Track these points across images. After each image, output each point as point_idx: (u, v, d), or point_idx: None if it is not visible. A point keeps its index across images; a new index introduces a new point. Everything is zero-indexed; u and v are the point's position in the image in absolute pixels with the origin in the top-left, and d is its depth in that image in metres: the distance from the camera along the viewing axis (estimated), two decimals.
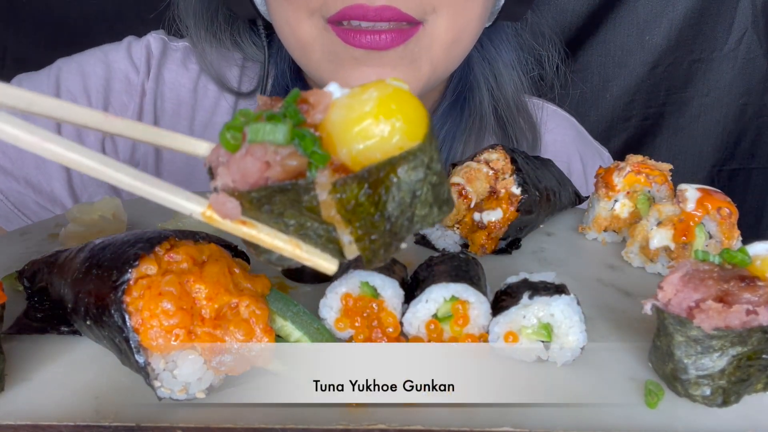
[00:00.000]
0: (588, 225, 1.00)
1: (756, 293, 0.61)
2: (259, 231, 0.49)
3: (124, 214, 0.92)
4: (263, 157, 0.45)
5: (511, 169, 0.91)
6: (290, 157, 0.45)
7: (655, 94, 1.83)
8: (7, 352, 0.67)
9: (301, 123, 0.46)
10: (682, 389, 0.64)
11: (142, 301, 0.60)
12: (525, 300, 0.68)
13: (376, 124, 0.46)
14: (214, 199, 0.47)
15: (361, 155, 0.47)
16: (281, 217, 0.48)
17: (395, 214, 0.49)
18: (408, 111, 0.47)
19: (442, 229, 0.94)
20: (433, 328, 0.70)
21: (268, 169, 0.46)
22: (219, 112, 1.27)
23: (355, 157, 0.47)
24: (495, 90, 1.27)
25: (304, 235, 0.50)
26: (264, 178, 0.46)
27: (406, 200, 0.49)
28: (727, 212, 0.85)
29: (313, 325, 0.69)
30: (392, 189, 0.48)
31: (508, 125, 1.30)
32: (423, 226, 0.52)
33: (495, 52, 1.28)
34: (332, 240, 0.50)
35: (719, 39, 1.77)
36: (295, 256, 0.50)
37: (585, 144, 1.46)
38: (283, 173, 0.45)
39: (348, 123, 0.46)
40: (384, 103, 0.46)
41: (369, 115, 0.46)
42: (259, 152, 0.45)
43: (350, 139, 0.46)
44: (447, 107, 1.26)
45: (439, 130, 1.24)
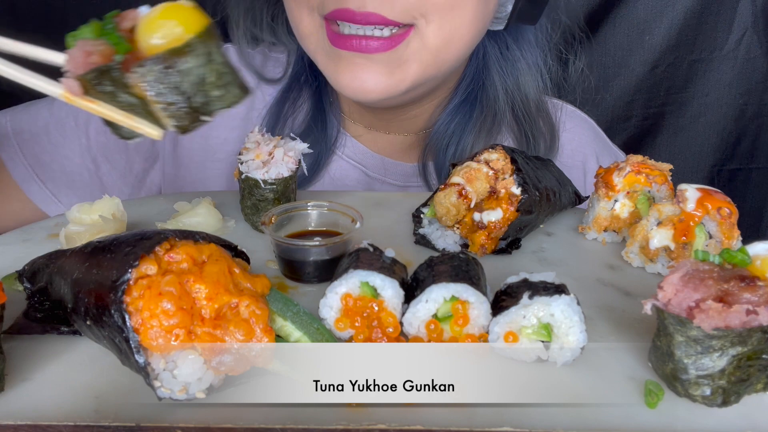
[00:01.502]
0: (588, 225, 1.00)
1: (756, 293, 0.61)
2: (100, 106, 0.68)
3: (124, 214, 0.92)
4: (83, 47, 0.67)
5: (511, 169, 0.91)
6: (101, 46, 0.67)
7: (655, 94, 1.83)
8: (7, 352, 0.67)
9: (114, 29, 0.68)
10: (682, 389, 0.64)
11: (142, 301, 0.60)
12: (525, 300, 0.68)
13: (160, 24, 0.67)
14: (64, 82, 0.67)
15: (153, 48, 0.66)
16: (113, 96, 0.68)
17: (191, 91, 0.67)
18: (185, 15, 0.67)
19: (442, 229, 0.94)
20: (433, 328, 0.70)
21: (90, 57, 0.67)
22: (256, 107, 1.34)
23: (149, 50, 0.67)
24: (512, 90, 1.29)
25: (132, 109, 0.69)
26: (88, 63, 0.67)
27: (196, 81, 0.67)
28: (727, 212, 0.85)
29: (313, 325, 0.69)
30: (183, 71, 0.66)
31: (525, 124, 1.32)
32: (222, 105, 0.69)
33: (519, 53, 1.29)
34: (150, 112, 0.69)
35: (719, 39, 1.77)
36: (128, 125, 0.69)
37: (602, 146, 1.46)
38: (100, 58, 0.67)
39: (143, 26, 0.68)
40: (167, 10, 0.68)
41: (155, 19, 0.67)
42: (81, 45, 0.67)
43: (145, 36, 0.67)
44: (457, 103, 1.29)
45: (449, 123, 1.27)
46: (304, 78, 1.30)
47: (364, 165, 1.33)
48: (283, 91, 1.32)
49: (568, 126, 1.41)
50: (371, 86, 1.07)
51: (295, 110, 1.31)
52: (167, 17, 0.67)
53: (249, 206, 0.97)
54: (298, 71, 1.32)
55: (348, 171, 1.32)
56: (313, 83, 1.29)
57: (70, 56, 0.68)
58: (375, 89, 1.08)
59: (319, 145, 1.27)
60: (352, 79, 1.08)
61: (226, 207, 1.02)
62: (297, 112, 1.31)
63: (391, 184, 1.33)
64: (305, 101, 1.31)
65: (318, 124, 1.28)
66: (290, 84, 1.32)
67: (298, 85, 1.31)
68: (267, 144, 0.95)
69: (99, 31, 0.68)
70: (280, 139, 0.96)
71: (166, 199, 1.08)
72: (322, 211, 0.92)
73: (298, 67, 1.32)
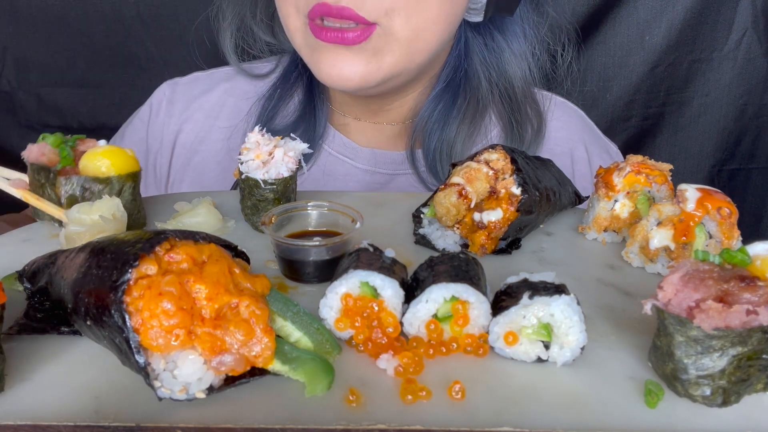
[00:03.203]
0: (588, 225, 1.00)
1: (756, 293, 0.61)
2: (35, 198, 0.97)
3: (124, 215, 0.92)
4: (41, 148, 0.96)
5: (511, 169, 0.91)
6: (52, 153, 0.96)
7: (655, 94, 1.83)
8: (7, 352, 0.67)
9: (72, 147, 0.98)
10: (682, 389, 0.64)
11: (142, 301, 0.60)
12: (525, 300, 0.68)
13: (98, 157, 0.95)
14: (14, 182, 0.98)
15: (84, 169, 0.94)
16: (42, 187, 0.96)
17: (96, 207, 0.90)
18: (116, 158, 0.95)
19: (442, 229, 0.94)
20: (433, 328, 0.70)
21: (41, 156, 0.95)
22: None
23: (83, 168, 0.94)
24: (496, 78, 1.35)
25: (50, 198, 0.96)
26: (39, 158, 0.95)
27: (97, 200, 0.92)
28: (727, 212, 0.85)
29: (313, 325, 0.69)
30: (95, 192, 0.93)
31: (512, 111, 1.37)
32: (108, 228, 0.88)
33: (505, 43, 1.35)
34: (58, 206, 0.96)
35: (719, 39, 1.77)
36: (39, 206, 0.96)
37: (592, 135, 1.48)
38: (48, 161, 0.95)
39: (89, 153, 0.95)
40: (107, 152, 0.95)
41: (98, 153, 0.95)
42: (40, 146, 0.96)
43: (86, 160, 0.95)
44: (439, 91, 1.35)
45: (432, 111, 1.34)
46: (295, 74, 1.39)
47: (353, 159, 1.37)
48: (274, 86, 1.40)
49: (557, 115, 1.44)
50: (349, 74, 1.17)
51: (285, 105, 1.39)
52: (105, 156, 0.94)
53: (249, 206, 0.97)
54: (288, 67, 1.41)
55: (337, 165, 1.37)
56: (303, 77, 1.38)
57: (30, 148, 0.96)
58: (353, 77, 1.17)
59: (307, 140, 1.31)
60: (331, 67, 1.17)
61: (226, 207, 1.02)
62: (287, 106, 1.39)
63: (382, 173, 1.37)
64: (295, 96, 1.39)
65: (307, 119, 1.36)
66: (281, 79, 1.41)
67: (288, 82, 1.40)
68: (267, 144, 0.95)
69: (58, 143, 0.96)
70: (280, 139, 0.96)
71: (166, 199, 1.08)
72: (322, 211, 0.92)
73: (290, 65, 1.41)
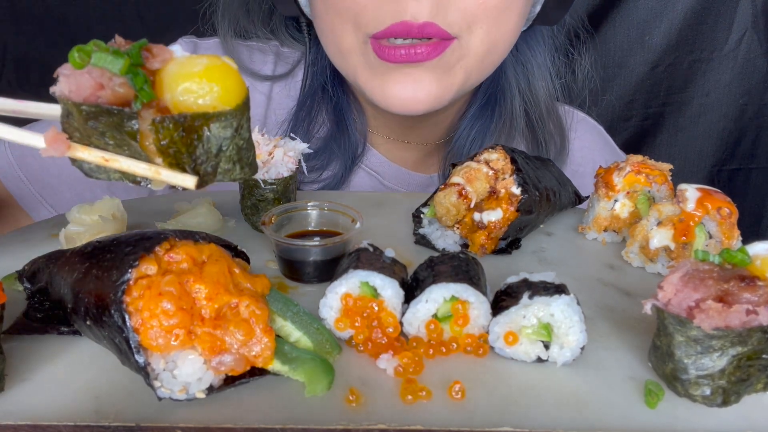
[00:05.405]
0: (588, 225, 1.00)
1: (756, 293, 0.61)
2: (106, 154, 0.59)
3: (124, 214, 0.92)
4: (99, 78, 0.55)
5: (511, 169, 0.91)
6: (121, 86, 0.55)
7: (655, 94, 1.83)
8: (7, 352, 0.67)
9: (140, 65, 0.56)
10: (682, 389, 0.64)
11: (142, 301, 0.60)
12: (525, 300, 0.68)
13: (199, 83, 0.57)
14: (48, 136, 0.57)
15: (181, 104, 0.57)
16: (103, 135, 0.57)
17: (202, 159, 0.60)
18: (227, 82, 0.59)
19: (442, 229, 0.94)
20: (433, 328, 0.70)
21: (101, 90, 0.55)
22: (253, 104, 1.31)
23: (176, 104, 0.57)
24: (526, 92, 1.29)
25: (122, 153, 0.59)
26: (96, 96, 0.55)
27: (213, 150, 0.60)
28: (727, 212, 0.85)
29: (313, 325, 0.69)
30: (203, 138, 0.59)
31: (537, 128, 1.32)
32: (225, 178, 0.62)
33: (530, 54, 1.29)
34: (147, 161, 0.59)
35: (719, 39, 1.77)
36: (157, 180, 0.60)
37: (611, 153, 1.46)
38: (112, 97, 0.55)
39: (177, 76, 0.57)
40: (210, 70, 0.58)
41: (195, 75, 0.58)
42: (96, 74, 0.55)
43: (175, 89, 0.57)
44: (478, 108, 1.28)
45: (470, 130, 1.26)
46: (321, 94, 1.26)
47: (381, 174, 1.31)
48: (299, 106, 1.27)
49: (578, 133, 1.40)
50: (422, 96, 1.06)
51: (313, 126, 1.27)
52: (210, 79, 0.57)
53: (249, 206, 0.97)
54: (313, 85, 1.27)
55: (364, 179, 1.31)
56: (332, 99, 1.26)
57: (73, 77, 0.55)
58: (425, 99, 1.06)
59: (342, 160, 1.25)
60: (401, 90, 1.06)
61: (226, 207, 1.02)
62: (315, 127, 1.27)
63: None
64: (323, 116, 1.27)
65: (339, 141, 1.25)
66: (304, 99, 1.27)
67: (312, 102, 1.26)
68: (267, 144, 0.95)
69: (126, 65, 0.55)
70: (280, 139, 0.96)
71: (166, 199, 1.08)
72: (322, 211, 0.92)
73: (314, 82, 1.28)
